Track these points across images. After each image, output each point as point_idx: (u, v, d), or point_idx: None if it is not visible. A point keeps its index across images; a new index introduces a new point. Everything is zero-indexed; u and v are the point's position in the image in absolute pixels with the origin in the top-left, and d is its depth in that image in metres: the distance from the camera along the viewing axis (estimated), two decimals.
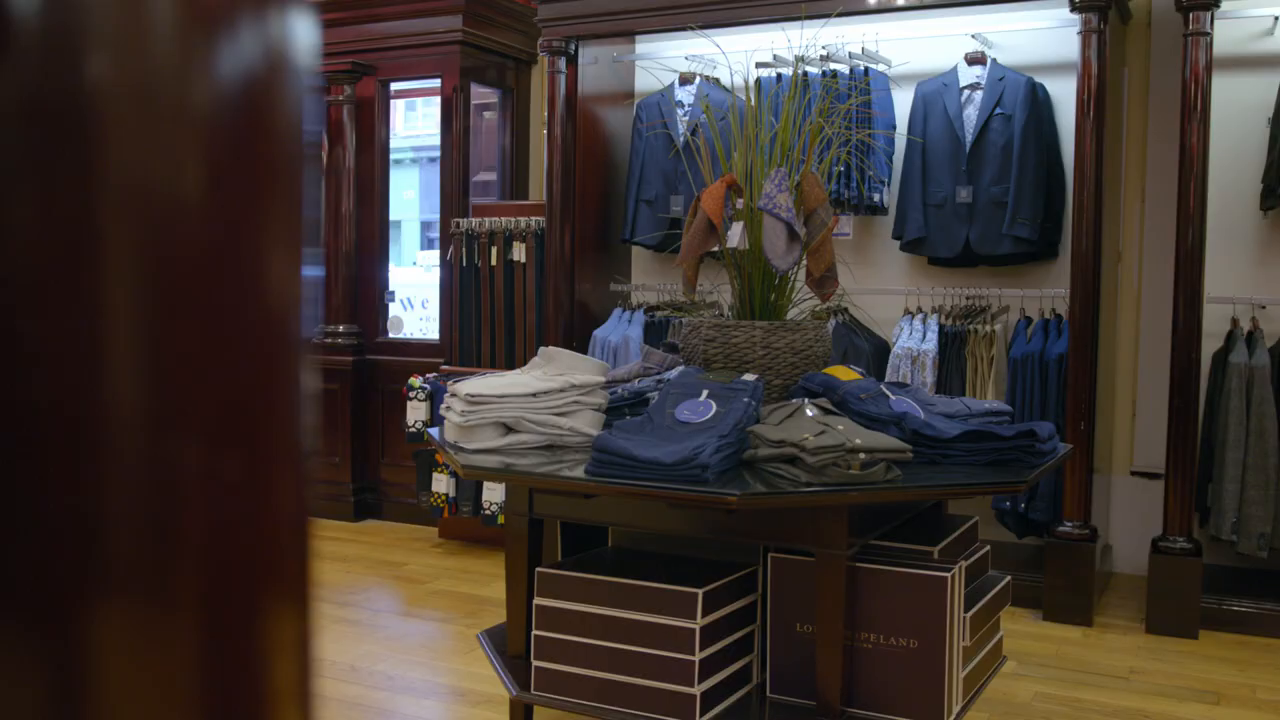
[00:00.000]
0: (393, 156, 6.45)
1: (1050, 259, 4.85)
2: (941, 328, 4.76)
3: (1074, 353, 4.36)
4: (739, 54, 4.53)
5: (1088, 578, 4.36)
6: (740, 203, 2.92)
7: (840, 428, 2.43)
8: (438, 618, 4.43)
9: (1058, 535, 4.39)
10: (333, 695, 3.58)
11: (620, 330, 5.36)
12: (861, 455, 2.33)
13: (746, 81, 3.22)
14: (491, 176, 6.61)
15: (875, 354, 4.91)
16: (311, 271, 0.48)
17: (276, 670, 0.45)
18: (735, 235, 2.91)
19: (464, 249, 5.79)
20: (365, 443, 6.20)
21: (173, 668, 0.42)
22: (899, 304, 5.03)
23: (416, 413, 5.44)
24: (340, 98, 6.10)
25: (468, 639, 4.09)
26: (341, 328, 6.20)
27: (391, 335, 6.35)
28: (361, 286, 6.26)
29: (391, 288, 6.42)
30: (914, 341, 4.75)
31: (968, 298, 4.88)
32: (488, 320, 5.73)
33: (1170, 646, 4.14)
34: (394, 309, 6.51)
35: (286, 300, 0.46)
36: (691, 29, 4.37)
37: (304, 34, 0.47)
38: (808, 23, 4.42)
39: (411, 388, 5.52)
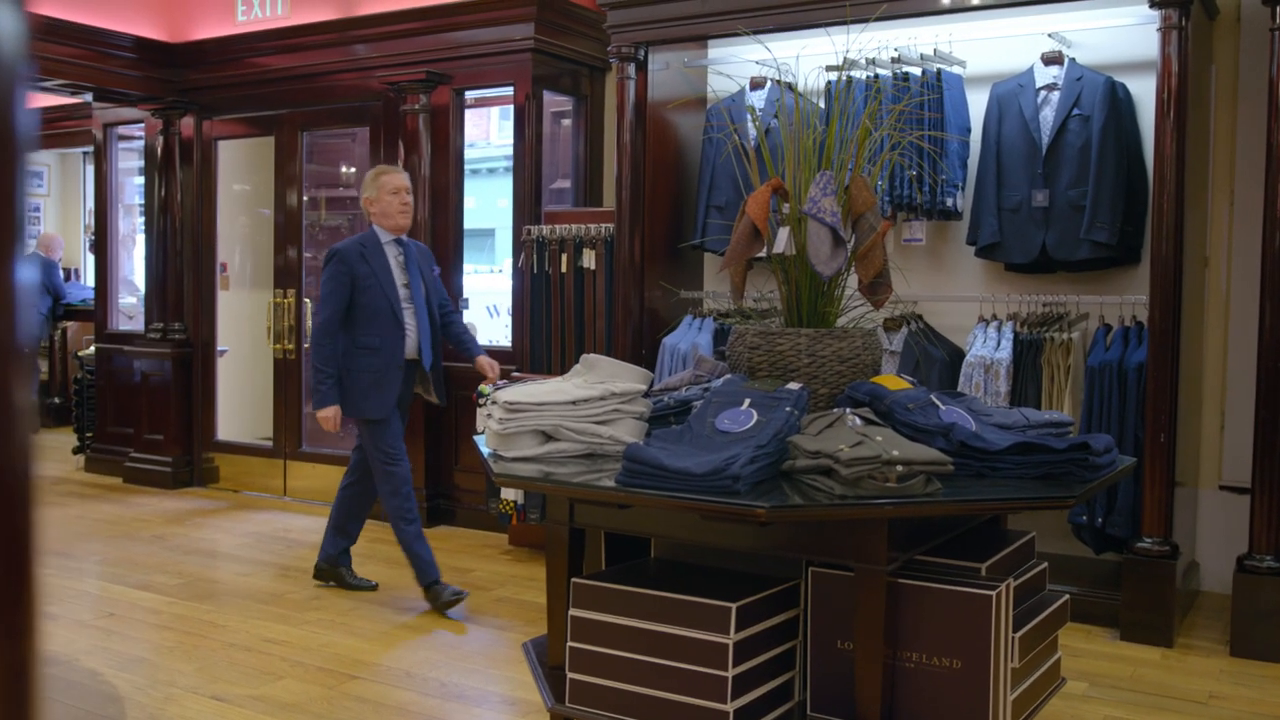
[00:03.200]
0: (487, 165, 6.49)
1: (1132, 264, 4.67)
2: (1016, 335, 4.61)
3: (1154, 361, 4.18)
4: (811, 58, 4.43)
5: (1168, 596, 4.17)
6: (787, 208, 2.85)
7: (879, 439, 2.34)
8: (498, 625, 4.42)
9: (1136, 551, 4.21)
10: (384, 701, 3.59)
11: (690, 337, 5.31)
12: (898, 467, 2.25)
13: (795, 85, 3.15)
14: (567, 184, 6.61)
15: (949, 362, 4.77)
16: (26, 274, 0.45)
17: None
18: (782, 241, 2.84)
19: (535, 256, 5.80)
20: (439, 449, 6.24)
21: None
22: (973, 311, 4.89)
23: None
24: (415, 106, 6.16)
25: None
26: None
27: None
28: None
29: (465, 295, 6.46)
30: (988, 350, 4.61)
31: (1044, 304, 4.72)
32: (558, 327, 5.72)
33: (1254, 670, 3.94)
34: (468, 315, 6.54)
35: None
36: (743, 33, 4.30)
37: (7, 25, 0.43)
38: (880, 25, 4.32)
39: (481, 394, 5.53)
